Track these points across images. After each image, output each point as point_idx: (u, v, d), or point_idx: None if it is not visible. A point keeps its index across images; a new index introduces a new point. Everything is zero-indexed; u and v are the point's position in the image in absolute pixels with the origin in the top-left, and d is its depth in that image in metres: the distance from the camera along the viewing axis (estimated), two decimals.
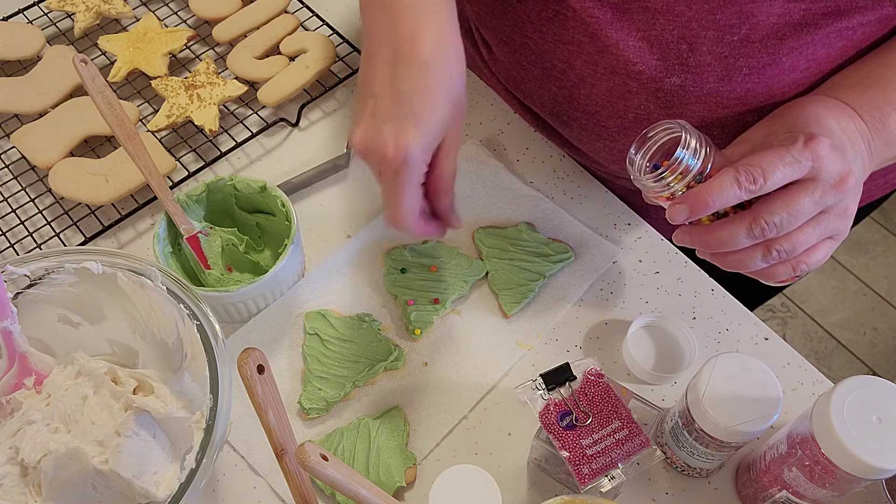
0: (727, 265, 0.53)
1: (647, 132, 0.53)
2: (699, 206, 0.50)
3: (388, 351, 0.63)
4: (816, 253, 0.53)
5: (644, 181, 0.52)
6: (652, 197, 0.54)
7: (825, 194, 0.50)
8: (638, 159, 0.53)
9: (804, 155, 0.49)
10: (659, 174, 0.51)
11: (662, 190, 0.52)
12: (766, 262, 0.52)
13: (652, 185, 0.52)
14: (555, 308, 0.67)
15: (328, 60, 0.79)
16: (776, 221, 0.49)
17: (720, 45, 0.57)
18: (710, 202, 0.49)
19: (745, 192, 0.49)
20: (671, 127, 0.52)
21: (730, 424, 0.50)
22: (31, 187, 0.73)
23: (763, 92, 0.60)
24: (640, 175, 0.53)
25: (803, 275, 0.56)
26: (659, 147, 0.52)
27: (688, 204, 0.50)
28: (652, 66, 0.60)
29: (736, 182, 0.49)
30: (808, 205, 0.50)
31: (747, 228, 0.50)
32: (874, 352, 1.75)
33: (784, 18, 0.56)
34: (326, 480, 0.39)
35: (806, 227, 0.51)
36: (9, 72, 0.81)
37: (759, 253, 0.51)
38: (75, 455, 0.51)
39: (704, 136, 0.51)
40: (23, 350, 0.56)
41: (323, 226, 0.72)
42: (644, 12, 0.58)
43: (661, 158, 0.52)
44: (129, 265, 0.56)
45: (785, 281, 0.56)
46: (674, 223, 0.52)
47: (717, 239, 0.51)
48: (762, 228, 0.50)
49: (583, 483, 0.50)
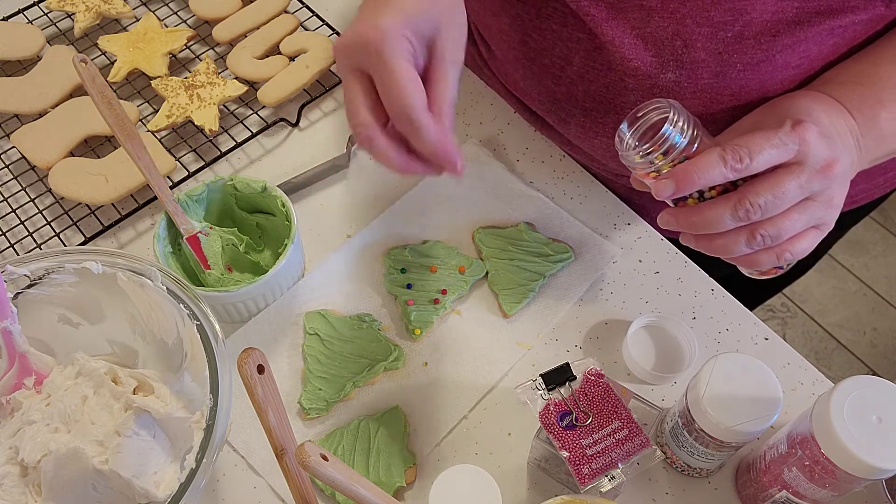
0: (711, 250, 0.53)
1: (638, 110, 0.53)
2: (684, 182, 0.50)
3: (388, 351, 0.63)
4: (801, 242, 0.53)
5: (630, 157, 0.53)
6: (639, 176, 0.54)
7: (811, 179, 0.50)
8: (627, 137, 0.53)
9: (791, 138, 0.50)
10: (645, 150, 0.52)
11: (648, 167, 0.52)
12: (751, 248, 0.52)
13: (638, 162, 0.53)
14: (555, 308, 0.67)
15: (328, 60, 0.79)
16: (761, 203, 0.49)
17: (714, 42, 0.58)
18: (696, 178, 0.50)
19: (731, 170, 0.49)
20: (661, 106, 0.52)
21: (730, 424, 0.50)
22: (31, 187, 0.73)
23: (756, 88, 0.60)
24: (627, 152, 0.53)
25: (787, 266, 0.56)
26: (650, 126, 0.53)
27: (673, 179, 0.50)
28: (647, 63, 0.60)
29: (722, 160, 0.49)
30: (793, 188, 0.50)
31: (732, 209, 0.50)
32: (874, 352, 1.75)
33: (777, 16, 0.56)
34: (326, 480, 0.39)
35: (791, 213, 0.51)
36: (9, 72, 0.81)
37: (743, 237, 0.51)
38: (75, 455, 0.51)
39: (694, 118, 0.52)
40: (23, 350, 0.56)
41: (323, 226, 0.72)
42: (639, 10, 0.58)
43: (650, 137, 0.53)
44: (129, 265, 0.56)
45: (770, 272, 0.57)
46: (659, 199, 0.52)
47: (703, 219, 0.51)
48: (746, 210, 0.50)
49: (583, 483, 0.50)
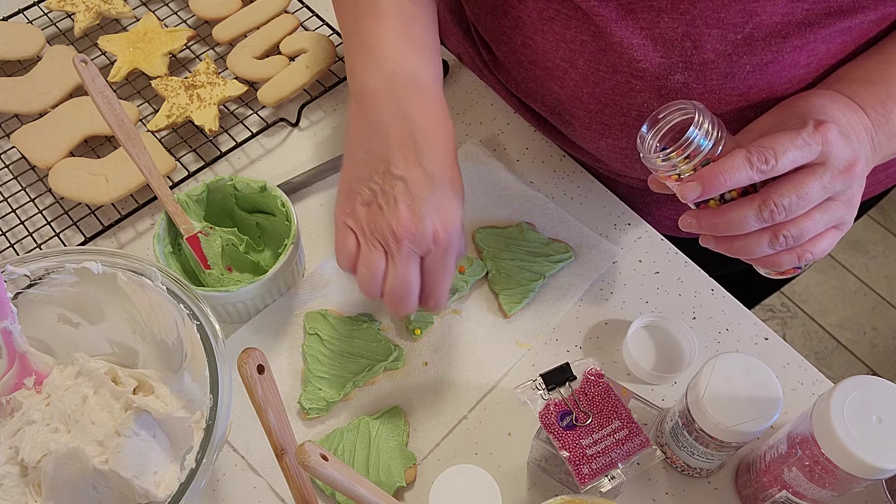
0: (733, 251, 0.53)
1: (660, 112, 0.52)
2: (711, 185, 0.50)
3: (388, 351, 0.63)
4: (822, 242, 0.53)
5: (653, 160, 0.52)
6: (660, 178, 0.54)
7: (834, 179, 0.50)
8: (649, 138, 0.53)
9: (815, 138, 0.50)
10: (668, 153, 0.51)
11: (670, 170, 0.52)
12: (773, 249, 0.52)
13: (661, 165, 0.52)
14: (555, 308, 0.67)
15: (328, 60, 0.79)
16: (785, 204, 0.49)
17: (724, 43, 0.57)
18: (722, 181, 0.49)
19: (757, 171, 0.49)
20: (685, 107, 0.52)
21: (730, 424, 0.50)
22: (31, 187, 0.73)
23: (765, 88, 0.60)
24: (650, 154, 0.53)
25: (807, 267, 0.56)
26: (671, 127, 0.52)
27: (699, 182, 0.50)
28: (656, 64, 0.60)
29: (748, 162, 0.49)
30: (817, 189, 0.50)
31: (756, 210, 0.50)
32: (874, 352, 1.75)
33: (788, 17, 0.56)
34: (326, 480, 0.39)
35: (814, 213, 0.51)
36: (9, 72, 0.81)
37: (766, 238, 0.51)
38: (75, 455, 0.51)
39: (718, 120, 0.51)
40: (23, 350, 0.56)
41: (323, 226, 0.72)
42: (649, 10, 0.58)
43: (672, 139, 0.52)
44: (129, 265, 0.56)
45: (788, 272, 0.56)
46: (685, 201, 0.52)
47: (726, 221, 0.51)
48: (771, 211, 0.49)
49: (583, 483, 0.50)
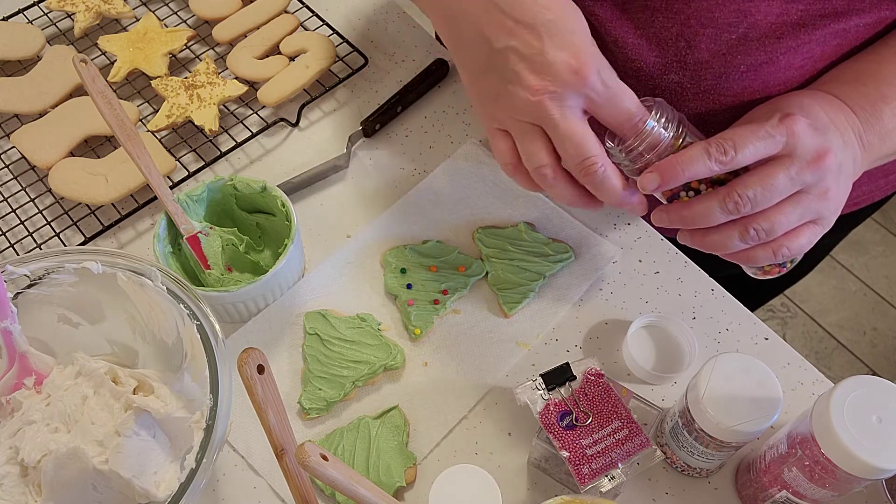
0: (706, 246, 0.54)
1: None
2: (669, 175, 0.50)
3: (388, 351, 0.63)
4: (798, 237, 0.52)
5: (617, 153, 0.54)
6: (628, 173, 0.55)
7: (801, 171, 0.50)
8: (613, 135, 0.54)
9: (778, 130, 0.50)
10: (628, 145, 0.52)
11: (633, 163, 0.53)
12: (745, 243, 0.52)
13: (622, 158, 0.53)
14: (555, 308, 0.67)
15: (328, 60, 0.79)
16: (750, 195, 0.49)
17: (718, 44, 0.58)
18: (680, 171, 0.50)
19: (715, 162, 0.49)
20: (645, 102, 0.53)
21: (730, 424, 0.50)
22: (31, 187, 0.73)
23: (759, 89, 0.60)
24: (613, 149, 0.54)
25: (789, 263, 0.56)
26: None
27: (658, 172, 0.51)
28: (650, 64, 0.60)
29: (706, 153, 0.49)
30: (783, 180, 0.50)
31: (721, 201, 0.50)
32: (874, 352, 1.75)
33: (782, 18, 0.56)
34: (326, 480, 0.39)
35: (784, 206, 0.51)
36: (9, 72, 0.81)
37: (736, 231, 0.51)
38: (75, 455, 0.51)
39: (680, 115, 0.53)
40: (23, 350, 0.56)
41: (323, 226, 0.72)
42: (644, 10, 0.58)
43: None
44: (129, 265, 0.56)
45: (772, 272, 0.57)
46: (645, 192, 0.53)
47: (692, 213, 0.52)
48: (735, 202, 0.50)
49: (583, 483, 0.50)
